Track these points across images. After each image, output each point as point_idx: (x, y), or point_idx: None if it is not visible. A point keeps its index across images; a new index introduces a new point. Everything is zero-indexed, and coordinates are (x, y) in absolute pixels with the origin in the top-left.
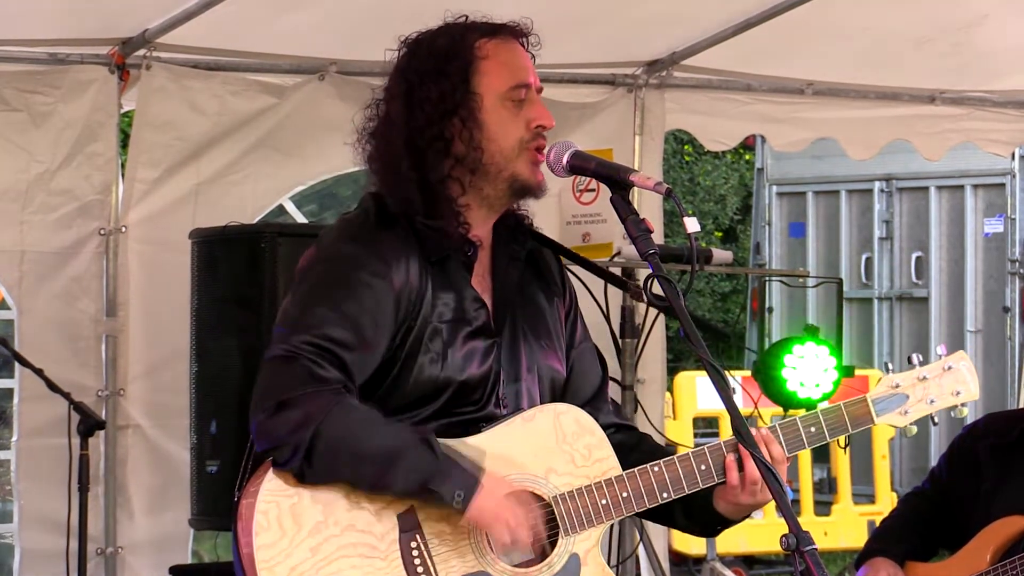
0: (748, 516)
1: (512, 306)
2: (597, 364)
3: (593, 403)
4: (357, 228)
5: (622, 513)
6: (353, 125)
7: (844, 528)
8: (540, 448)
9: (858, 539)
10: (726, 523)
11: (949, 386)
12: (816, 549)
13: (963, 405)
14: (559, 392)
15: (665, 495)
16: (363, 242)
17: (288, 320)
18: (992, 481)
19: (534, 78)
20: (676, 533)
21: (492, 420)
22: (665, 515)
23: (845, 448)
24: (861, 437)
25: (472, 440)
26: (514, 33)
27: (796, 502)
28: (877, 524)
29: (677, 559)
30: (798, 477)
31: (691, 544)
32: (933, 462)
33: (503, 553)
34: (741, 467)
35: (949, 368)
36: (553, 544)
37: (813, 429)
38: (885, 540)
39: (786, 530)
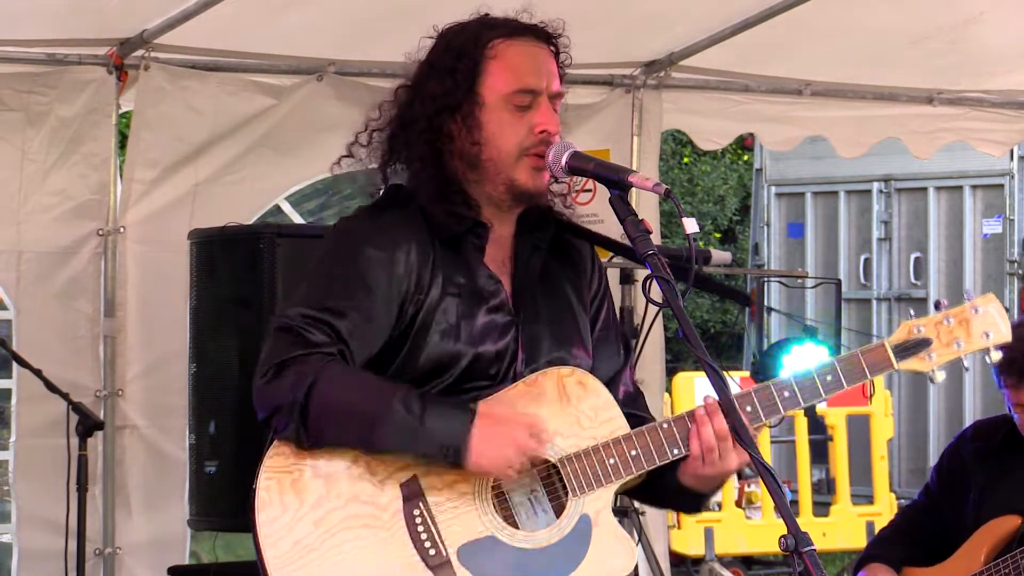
0: (718, 488)
1: (533, 293)
2: (616, 352)
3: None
4: (364, 209)
5: (631, 471)
6: (353, 124)
7: (843, 529)
8: (544, 411)
9: (857, 540)
10: (699, 496)
11: (978, 328)
12: (815, 550)
13: (996, 348)
14: None
15: (676, 451)
16: (367, 220)
17: (291, 295)
18: (980, 486)
19: (547, 83)
20: (675, 533)
21: None
22: (655, 496)
23: (869, 398)
24: (860, 438)
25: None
26: (538, 36)
27: (794, 503)
28: (875, 525)
29: (676, 560)
30: (796, 478)
31: (690, 545)
32: (932, 462)
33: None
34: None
35: (977, 311)
36: (563, 507)
37: (829, 378)
38: (882, 546)
39: (784, 531)
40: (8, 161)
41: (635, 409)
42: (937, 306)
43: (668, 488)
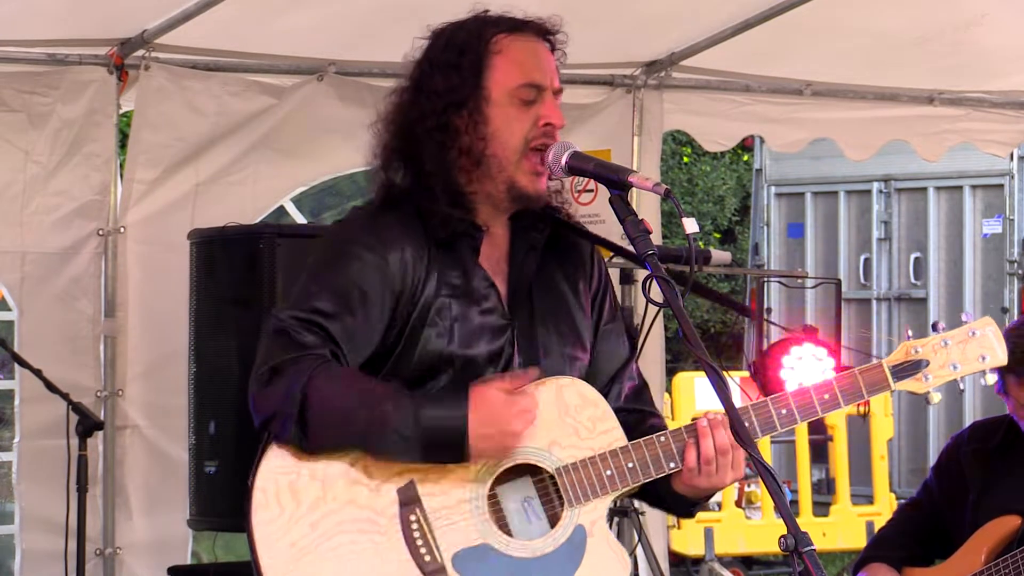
0: (710, 497)
1: (529, 293)
2: (621, 345)
3: (608, 384)
4: (358, 210)
5: (628, 483)
6: (353, 124)
7: (842, 529)
8: (542, 421)
9: (856, 540)
10: (692, 503)
11: (974, 351)
12: (814, 550)
13: (991, 371)
14: (583, 378)
15: (672, 464)
16: (361, 221)
17: (284, 299)
18: (978, 487)
19: (550, 79)
20: (675, 533)
21: None
22: (648, 500)
23: (864, 416)
24: (859, 438)
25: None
26: (538, 31)
27: (794, 503)
28: (875, 525)
29: (675, 559)
30: (796, 478)
31: (689, 544)
32: (931, 462)
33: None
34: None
35: (974, 334)
36: (558, 516)
37: (827, 396)
38: (882, 547)
39: (784, 531)
40: (12, 163)
41: (640, 404)
42: (935, 328)
43: (661, 495)
